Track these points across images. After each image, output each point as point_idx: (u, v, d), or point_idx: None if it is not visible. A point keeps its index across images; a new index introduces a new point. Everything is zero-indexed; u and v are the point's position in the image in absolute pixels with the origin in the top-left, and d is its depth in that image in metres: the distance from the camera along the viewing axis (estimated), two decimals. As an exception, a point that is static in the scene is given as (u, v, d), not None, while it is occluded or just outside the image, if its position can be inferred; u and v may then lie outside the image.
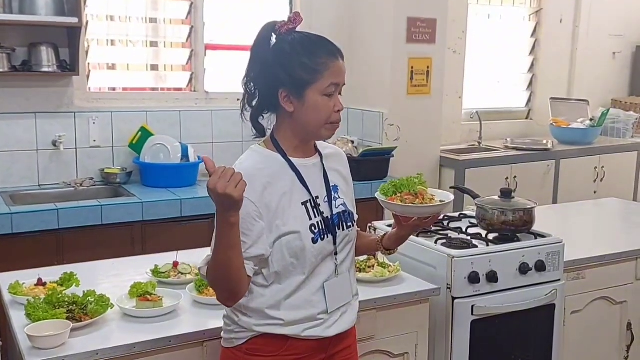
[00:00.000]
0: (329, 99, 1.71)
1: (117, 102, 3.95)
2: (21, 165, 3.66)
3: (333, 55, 1.71)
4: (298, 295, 1.73)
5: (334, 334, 1.79)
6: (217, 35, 4.23)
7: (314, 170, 1.80)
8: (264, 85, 1.73)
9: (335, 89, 1.71)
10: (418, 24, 4.30)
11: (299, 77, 1.68)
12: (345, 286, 1.82)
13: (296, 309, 1.73)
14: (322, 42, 1.74)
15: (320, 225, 1.74)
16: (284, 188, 1.72)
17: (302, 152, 1.79)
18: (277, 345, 1.73)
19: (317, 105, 1.70)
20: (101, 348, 1.81)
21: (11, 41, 3.52)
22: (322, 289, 1.75)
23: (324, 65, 1.69)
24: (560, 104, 5.59)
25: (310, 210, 1.74)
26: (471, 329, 2.44)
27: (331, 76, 1.69)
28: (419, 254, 2.54)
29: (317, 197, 1.77)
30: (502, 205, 2.65)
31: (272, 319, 1.72)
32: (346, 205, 1.84)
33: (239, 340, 1.76)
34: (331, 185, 1.82)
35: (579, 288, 2.78)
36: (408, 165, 4.29)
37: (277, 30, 1.73)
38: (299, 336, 1.74)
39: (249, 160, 1.74)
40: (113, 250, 3.18)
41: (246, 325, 1.74)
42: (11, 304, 2.07)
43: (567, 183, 5.00)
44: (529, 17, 5.69)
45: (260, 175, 1.69)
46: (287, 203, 1.71)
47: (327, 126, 1.73)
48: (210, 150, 4.11)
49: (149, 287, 2.10)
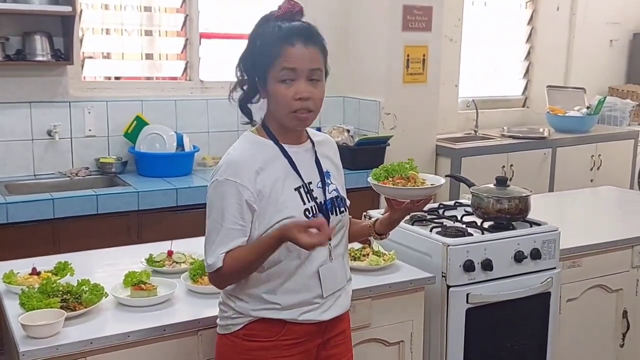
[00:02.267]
0: (287, 86, 1.68)
1: (112, 91, 3.94)
2: (16, 155, 3.65)
3: (286, 41, 1.68)
4: (294, 280, 1.74)
5: (329, 318, 1.80)
6: (212, 24, 4.21)
7: (305, 156, 1.81)
8: (246, 73, 1.76)
9: (289, 74, 1.68)
10: (414, 11, 4.28)
11: (261, 63, 1.70)
12: (339, 271, 1.83)
13: (292, 293, 1.74)
14: (287, 29, 1.70)
15: (314, 210, 1.75)
16: (277, 174, 1.73)
17: (293, 138, 1.79)
18: (274, 330, 1.74)
19: (276, 94, 1.70)
20: (95, 337, 1.80)
21: (5, 30, 3.50)
22: (317, 274, 1.76)
23: (276, 51, 1.68)
24: (557, 92, 5.57)
25: (304, 196, 1.75)
26: (466, 317, 2.44)
27: (283, 61, 1.67)
28: (414, 242, 2.53)
29: (310, 182, 1.78)
30: (497, 193, 2.65)
31: (269, 304, 1.73)
32: (339, 191, 1.85)
33: (235, 326, 1.77)
34: (324, 171, 1.83)
35: (575, 276, 2.78)
36: (404, 154, 4.23)
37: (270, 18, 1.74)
38: (295, 320, 1.75)
39: (241, 147, 1.76)
40: (109, 239, 3.17)
41: (243, 310, 1.75)
42: (5, 293, 2.07)
43: (563, 171, 5.00)
44: (526, 4, 5.66)
45: (253, 161, 1.71)
46: (280, 189, 1.72)
47: (290, 115, 1.71)
48: (205, 139, 4.10)
49: (144, 276, 2.10)
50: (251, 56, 1.73)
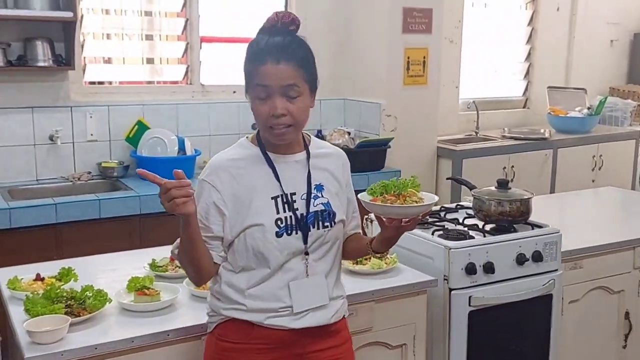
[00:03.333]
0: (263, 103, 1.71)
1: (113, 95, 3.94)
2: (18, 160, 3.66)
3: (258, 60, 1.70)
4: (262, 287, 1.75)
5: (301, 327, 1.76)
6: (212, 28, 4.21)
7: (295, 166, 1.81)
8: None
9: (263, 91, 1.69)
10: (414, 14, 4.28)
11: (244, 80, 1.76)
12: (318, 289, 1.78)
13: (259, 299, 1.75)
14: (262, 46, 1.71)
15: (289, 221, 1.75)
16: (255, 181, 1.75)
17: (283, 148, 1.79)
18: (243, 332, 1.76)
19: (254, 110, 1.74)
20: (100, 343, 1.81)
21: (6, 36, 3.51)
22: (287, 287, 1.75)
23: (249, 72, 1.73)
24: (558, 92, 5.57)
25: (280, 205, 1.75)
26: (469, 320, 2.45)
27: (256, 79, 1.71)
28: (415, 245, 2.54)
29: (292, 193, 1.77)
30: (498, 196, 2.65)
31: (236, 304, 1.76)
32: (329, 205, 1.81)
33: (212, 324, 1.82)
34: (315, 184, 1.81)
35: (577, 278, 2.78)
36: (405, 156, 4.30)
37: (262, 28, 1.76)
38: (262, 324, 1.75)
39: (227, 151, 1.82)
40: (111, 243, 3.17)
41: (216, 308, 1.80)
42: (10, 299, 2.08)
43: (565, 172, 5.00)
44: (526, 5, 5.67)
45: (231, 165, 1.76)
46: (255, 196, 1.74)
47: (268, 130, 1.73)
48: (207, 142, 4.10)
49: (147, 281, 2.10)
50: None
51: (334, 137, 4.16)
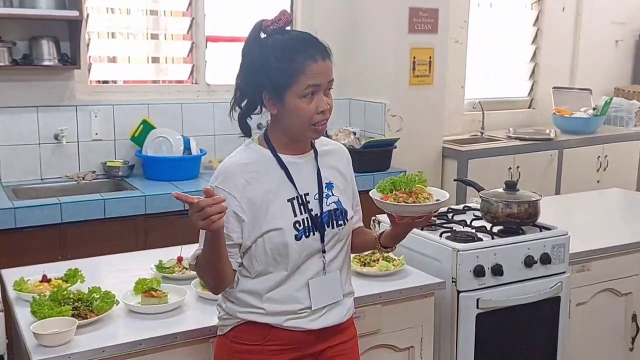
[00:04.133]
0: (309, 101, 1.69)
1: (119, 95, 3.93)
2: (23, 159, 3.65)
3: (310, 58, 1.68)
4: (280, 290, 1.74)
5: (318, 327, 1.78)
6: (217, 27, 4.20)
7: (306, 167, 1.80)
8: (251, 86, 1.75)
9: (314, 90, 1.69)
10: (420, 13, 4.27)
11: (277, 81, 1.68)
12: (334, 285, 1.80)
13: (278, 302, 1.74)
14: (301, 44, 1.70)
15: (306, 223, 1.74)
16: (270, 184, 1.73)
17: (293, 149, 1.79)
18: (260, 334, 1.75)
19: (296, 109, 1.69)
20: (107, 345, 1.80)
21: (12, 35, 3.50)
22: (307, 286, 1.75)
23: (299, 69, 1.67)
24: (563, 93, 5.56)
25: (296, 207, 1.74)
26: (476, 323, 2.44)
27: (307, 78, 1.67)
28: (423, 247, 2.53)
29: (306, 194, 1.77)
30: (506, 197, 2.64)
31: (254, 307, 1.75)
32: (340, 204, 1.82)
33: (226, 327, 1.80)
34: (325, 183, 1.81)
35: (584, 280, 2.77)
36: (410, 156, 4.29)
37: (264, 29, 1.73)
38: (280, 326, 1.75)
39: (236, 156, 1.77)
40: (116, 243, 3.18)
41: (231, 312, 1.78)
42: (16, 301, 2.07)
43: (570, 172, 4.99)
44: (531, 5, 5.65)
45: (244, 170, 1.72)
46: (271, 199, 1.72)
47: (310, 128, 1.72)
48: (212, 142, 4.10)
49: (154, 283, 2.09)
50: (259, 73, 1.70)
51: (339, 137, 4.15)
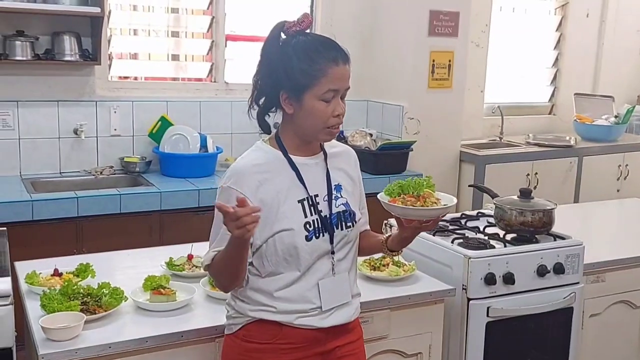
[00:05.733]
0: (327, 104, 1.70)
1: (138, 91, 3.96)
2: (43, 153, 3.70)
3: (332, 61, 1.69)
4: (292, 289, 1.75)
5: (329, 325, 1.79)
6: (237, 26, 4.22)
7: (315, 168, 1.81)
8: (268, 86, 1.76)
9: (333, 94, 1.70)
10: (440, 17, 4.25)
11: (298, 81, 1.69)
12: (343, 286, 1.81)
13: (289, 301, 1.75)
14: (324, 47, 1.71)
15: (316, 224, 1.75)
16: (281, 185, 1.74)
17: (304, 150, 1.80)
18: (271, 332, 1.75)
19: (314, 110, 1.70)
20: (114, 341, 1.82)
21: (35, 30, 3.54)
22: (317, 287, 1.76)
23: (322, 71, 1.68)
24: (585, 99, 5.49)
25: (307, 208, 1.75)
26: (486, 331, 2.41)
27: (328, 82, 1.69)
28: (434, 253, 2.51)
29: (316, 195, 1.77)
30: (521, 205, 2.61)
31: (265, 305, 1.75)
32: (349, 205, 1.83)
33: (236, 326, 1.80)
34: (334, 185, 1.82)
35: (599, 291, 2.73)
36: (427, 160, 4.27)
37: (285, 30, 1.73)
38: (291, 324, 1.75)
39: (248, 156, 1.78)
40: (131, 238, 3.21)
41: (242, 310, 1.78)
42: (27, 294, 2.09)
43: (589, 181, 4.93)
44: (555, 11, 5.60)
45: (256, 171, 1.73)
46: (282, 200, 1.73)
47: (325, 130, 1.74)
48: (228, 140, 4.11)
49: (163, 280, 2.10)
50: (278, 72, 1.71)
51: (355, 139, 4.14)
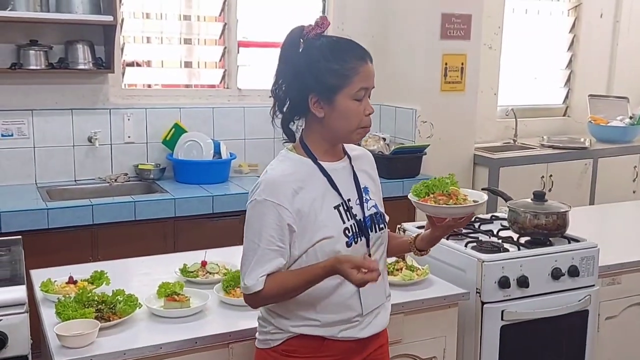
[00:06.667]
0: (359, 103, 1.71)
1: (151, 98, 3.99)
2: (58, 161, 3.73)
3: (362, 59, 1.70)
4: (333, 298, 1.73)
5: (368, 335, 1.79)
6: (250, 32, 4.24)
7: (344, 173, 1.80)
8: (293, 91, 1.73)
9: (365, 93, 1.71)
10: (452, 19, 4.24)
11: (329, 82, 1.68)
12: (379, 288, 1.82)
13: (331, 312, 1.73)
14: (350, 46, 1.72)
15: (354, 229, 1.74)
16: (315, 193, 1.71)
17: (331, 155, 1.78)
18: (313, 346, 1.74)
19: (347, 110, 1.70)
20: (128, 348, 1.83)
21: (48, 39, 3.58)
22: (357, 292, 1.75)
23: (353, 70, 1.68)
24: (599, 101, 5.45)
25: (343, 214, 1.74)
26: (501, 335, 2.40)
27: (361, 80, 1.69)
28: (448, 257, 2.50)
29: (348, 200, 1.76)
30: (534, 208, 2.60)
31: (308, 320, 1.73)
32: (377, 207, 1.84)
33: (275, 341, 1.77)
34: (362, 187, 1.82)
35: (614, 294, 2.71)
36: (441, 163, 4.25)
37: (304, 35, 1.72)
38: (335, 337, 1.74)
39: (278, 167, 1.73)
40: (146, 245, 3.23)
41: (282, 326, 1.75)
42: (43, 302, 2.11)
43: (605, 182, 4.89)
44: (568, 12, 5.56)
45: (291, 180, 1.70)
46: (319, 208, 1.70)
47: (358, 131, 1.74)
48: (242, 146, 4.13)
49: (177, 287, 2.11)
50: (304, 76, 1.69)
51: (369, 143, 4.14)
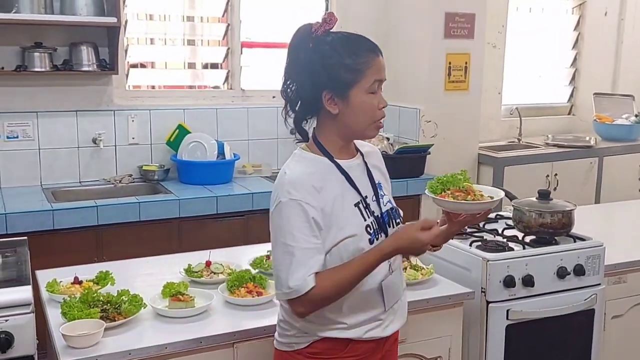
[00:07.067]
0: (374, 96, 1.70)
1: (155, 100, 4.00)
2: (63, 163, 3.74)
3: (373, 52, 1.70)
4: (357, 297, 1.72)
5: (391, 333, 1.80)
6: (253, 33, 4.24)
7: (358, 170, 1.79)
8: (306, 90, 1.71)
9: (378, 85, 1.71)
10: (456, 19, 4.23)
11: (343, 78, 1.67)
12: (398, 283, 1.83)
13: (357, 311, 1.73)
14: (360, 39, 1.72)
15: (374, 225, 1.74)
16: (335, 191, 1.70)
17: (346, 153, 1.77)
18: (338, 348, 1.73)
19: (362, 105, 1.69)
20: (134, 348, 1.83)
21: (52, 41, 3.59)
22: (380, 289, 1.75)
23: (366, 63, 1.68)
24: (604, 99, 5.44)
25: (363, 211, 1.73)
26: (506, 334, 2.40)
27: (374, 73, 1.69)
28: (453, 256, 2.50)
29: (366, 197, 1.75)
30: (539, 207, 2.59)
31: (335, 323, 1.72)
32: (392, 202, 1.84)
33: (299, 344, 1.75)
34: (376, 183, 1.81)
35: (620, 292, 2.70)
36: (445, 163, 4.24)
37: (313, 32, 1.70)
38: (360, 338, 1.74)
39: (296, 167, 1.70)
40: (150, 246, 3.23)
41: (308, 330, 1.73)
42: (48, 302, 2.11)
43: (610, 181, 4.87)
44: (572, 10, 5.55)
45: (312, 179, 1.67)
46: (340, 207, 1.69)
47: (373, 125, 1.73)
48: (245, 147, 4.13)
49: (181, 287, 2.12)
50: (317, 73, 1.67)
51: (373, 143, 4.12)
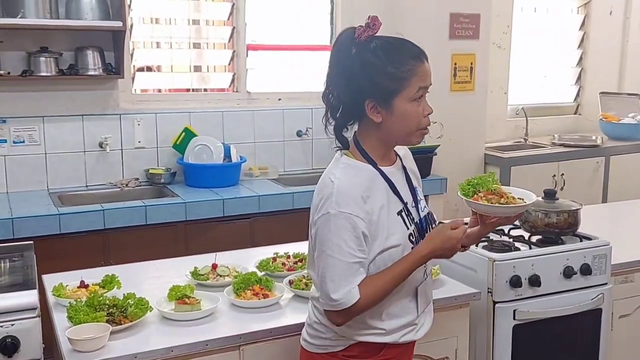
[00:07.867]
0: (418, 104, 1.67)
1: (161, 103, 4.01)
2: (69, 167, 3.75)
3: (418, 58, 1.66)
4: (395, 303, 1.73)
5: (422, 336, 1.82)
6: (258, 36, 4.24)
7: (397, 175, 1.77)
8: (348, 97, 1.68)
9: (423, 92, 1.67)
10: (461, 19, 4.23)
11: (386, 87, 1.64)
12: (430, 287, 1.86)
13: (396, 317, 1.73)
14: (405, 46, 1.68)
15: (415, 233, 1.73)
16: (381, 199, 1.68)
17: (388, 159, 1.76)
18: (374, 351, 1.74)
19: (407, 114, 1.66)
20: (140, 351, 1.83)
21: (58, 45, 3.61)
22: (415, 294, 1.75)
23: (411, 71, 1.64)
24: (611, 98, 5.42)
25: (405, 219, 1.72)
26: (513, 334, 2.39)
27: (419, 81, 1.65)
28: (459, 256, 2.43)
29: (407, 203, 1.74)
30: (545, 206, 2.58)
31: (373, 328, 1.72)
32: (427, 207, 1.83)
33: (335, 347, 1.75)
34: (414, 188, 1.80)
35: (628, 292, 2.69)
36: (451, 163, 4.24)
37: (356, 38, 1.68)
38: (396, 342, 1.75)
39: (344, 176, 1.66)
40: (157, 249, 3.23)
41: (346, 333, 1.73)
42: (54, 306, 2.12)
43: (617, 180, 4.86)
44: (578, 9, 5.54)
45: (359, 189, 1.65)
46: (385, 215, 1.68)
47: (417, 132, 1.70)
48: (252, 149, 4.13)
49: (187, 290, 2.12)
50: (360, 80, 1.64)
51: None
